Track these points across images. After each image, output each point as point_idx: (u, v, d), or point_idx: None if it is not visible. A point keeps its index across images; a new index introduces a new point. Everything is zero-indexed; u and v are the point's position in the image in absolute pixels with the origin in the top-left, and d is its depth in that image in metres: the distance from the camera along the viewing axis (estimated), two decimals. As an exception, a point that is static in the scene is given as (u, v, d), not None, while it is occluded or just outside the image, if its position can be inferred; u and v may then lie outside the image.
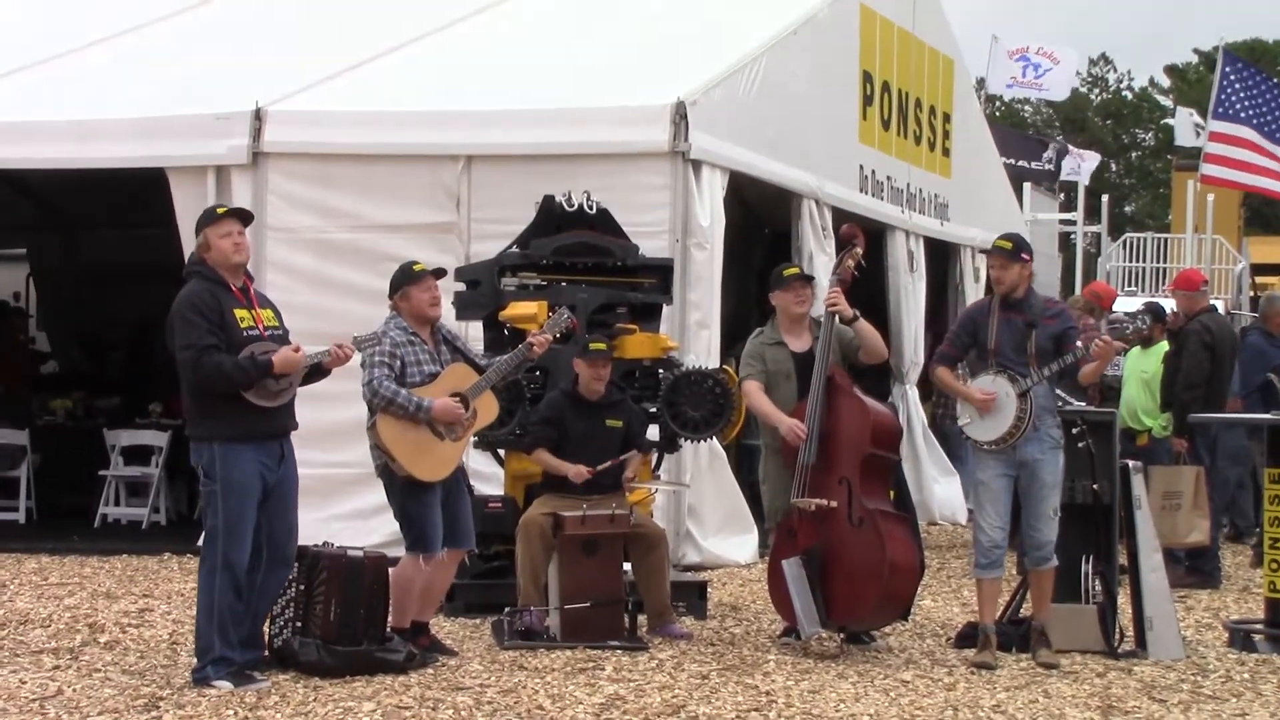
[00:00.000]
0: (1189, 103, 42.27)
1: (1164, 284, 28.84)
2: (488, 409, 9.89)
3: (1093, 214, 33.83)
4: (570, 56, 15.46)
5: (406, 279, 9.83)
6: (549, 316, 10.48)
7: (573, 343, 11.18)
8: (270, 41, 16.76)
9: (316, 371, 9.24)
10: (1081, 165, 33.06)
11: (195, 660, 9.09)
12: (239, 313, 9.02)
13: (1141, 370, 14.30)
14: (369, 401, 9.60)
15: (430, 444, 9.60)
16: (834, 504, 10.03)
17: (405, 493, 9.67)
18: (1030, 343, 9.94)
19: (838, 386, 10.23)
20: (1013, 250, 10.08)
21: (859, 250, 10.62)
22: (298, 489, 9.30)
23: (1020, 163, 29.72)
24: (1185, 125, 33.20)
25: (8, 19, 18.27)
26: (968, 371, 10.52)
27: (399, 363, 9.60)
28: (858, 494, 10.03)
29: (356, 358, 9.45)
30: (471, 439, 10.52)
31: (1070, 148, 34.94)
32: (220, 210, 9.33)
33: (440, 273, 10.01)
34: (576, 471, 10.78)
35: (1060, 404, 10.78)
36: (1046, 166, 31.25)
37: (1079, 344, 9.86)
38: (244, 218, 9.34)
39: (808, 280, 10.82)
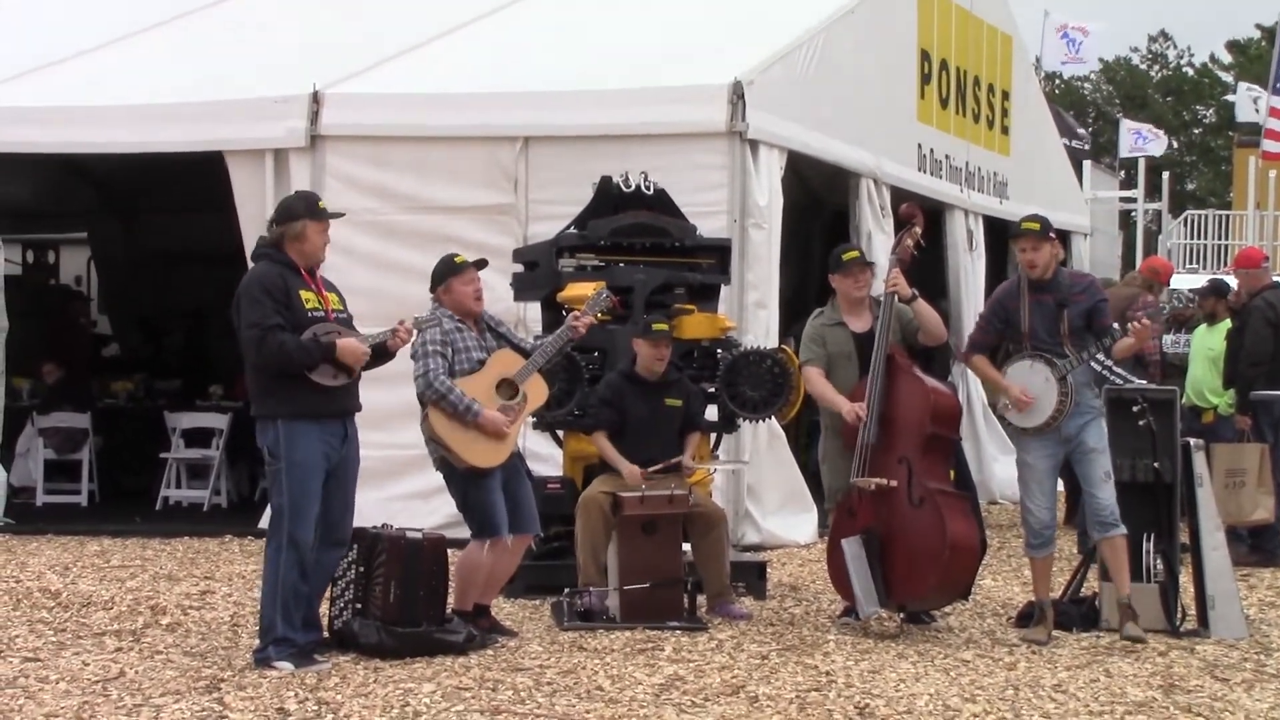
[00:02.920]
0: (1251, 78, 41.95)
1: (1225, 261, 28.66)
2: (537, 392, 9.88)
3: (1154, 191, 33.62)
4: (627, 37, 15.43)
5: (449, 271, 9.83)
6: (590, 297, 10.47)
7: (632, 323, 11.16)
8: (327, 24, 16.80)
9: (381, 354, 9.26)
10: (1149, 144, 32.83)
11: (257, 641, 9.14)
12: (305, 294, 9.05)
13: (1208, 348, 14.23)
14: (421, 394, 9.62)
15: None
16: (894, 483, 10.00)
17: (465, 481, 9.68)
18: (1063, 323, 9.93)
19: (898, 366, 10.18)
20: (1042, 230, 10.08)
21: (918, 229, 10.55)
22: (358, 470, 9.33)
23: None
24: (1246, 101, 32.97)
25: (66, 4, 18.35)
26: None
27: (449, 349, 9.62)
28: (918, 473, 9.99)
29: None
30: (530, 420, 10.51)
31: (1131, 123, 34.71)
32: (322, 206, 9.37)
33: (482, 263, 9.99)
34: (630, 472, 10.72)
35: (1121, 381, 10.70)
36: (1076, 145, 31.12)
37: (1115, 325, 9.83)
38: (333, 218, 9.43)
39: (866, 265, 10.73)
